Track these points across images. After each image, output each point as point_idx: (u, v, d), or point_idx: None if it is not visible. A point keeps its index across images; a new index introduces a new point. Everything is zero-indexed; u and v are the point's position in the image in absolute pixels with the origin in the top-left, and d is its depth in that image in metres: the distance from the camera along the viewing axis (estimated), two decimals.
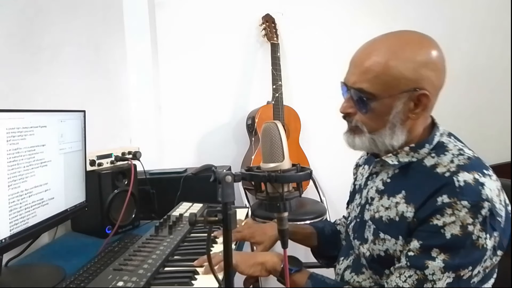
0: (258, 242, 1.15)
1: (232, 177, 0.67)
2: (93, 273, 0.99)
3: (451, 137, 0.91)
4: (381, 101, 0.83)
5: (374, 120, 0.86)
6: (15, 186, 0.96)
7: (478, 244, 0.76)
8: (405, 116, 0.84)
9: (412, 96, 0.82)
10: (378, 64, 0.81)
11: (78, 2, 1.67)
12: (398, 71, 0.80)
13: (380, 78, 0.81)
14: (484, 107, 2.56)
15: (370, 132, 0.87)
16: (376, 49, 0.84)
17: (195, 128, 2.42)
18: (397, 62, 0.80)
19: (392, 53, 0.82)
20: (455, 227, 0.75)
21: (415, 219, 0.81)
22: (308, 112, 2.37)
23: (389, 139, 0.86)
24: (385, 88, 0.82)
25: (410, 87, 0.81)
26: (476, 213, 0.75)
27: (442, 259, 0.76)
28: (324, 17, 2.43)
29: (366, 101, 0.84)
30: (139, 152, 1.49)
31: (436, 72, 0.83)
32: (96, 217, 1.34)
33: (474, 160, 0.82)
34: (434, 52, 0.83)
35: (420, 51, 0.82)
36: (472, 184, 0.77)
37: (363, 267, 0.96)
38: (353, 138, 0.90)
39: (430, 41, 0.85)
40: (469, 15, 2.49)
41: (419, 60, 0.81)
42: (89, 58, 1.75)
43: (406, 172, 0.88)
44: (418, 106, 0.83)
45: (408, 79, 0.81)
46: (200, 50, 2.37)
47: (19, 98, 1.28)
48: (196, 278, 0.94)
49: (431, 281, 0.77)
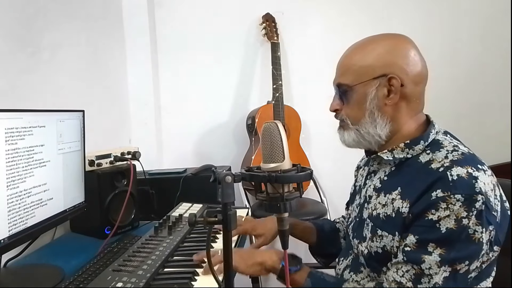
0: (260, 234, 1.17)
1: (232, 178, 0.67)
2: (92, 273, 0.98)
3: (447, 135, 0.92)
4: (355, 89, 0.91)
5: (354, 110, 0.92)
6: (14, 187, 0.96)
7: (474, 238, 0.76)
8: (381, 102, 0.89)
9: (382, 82, 0.88)
10: (348, 59, 0.93)
11: (78, 2, 1.67)
12: (364, 60, 0.90)
13: (351, 70, 0.92)
14: (484, 107, 2.55)
15: (353, 124, 0.93)
16: (351, 49, 0.95)
17: (195, 128, 2.41)
18: (363, 53, 0.91)
19: (362, 48, 0.93)
20: (449, 221, 0.76)
21: (410, 214, 0.82)
22: (308, 112, 2.36)
23: (372, 128, 0.91)
24: (356, 77, 0.90)
25: (378, 73, 0.88)
26: (470, 206, 0.76)
27: (438, 253, 0.77)
28: (324, 16, 2.43)
29: (344, 92, 0.93)
30: (138, 152, 1.49)
31: (404, 59, 0.88)
32: (95, 217, 1.34)
33: (468, 155, 0.83)
34: (401, 43, 0.91)
35: (386, 42, 0.91)
36: (465, 178, 0.77)
37: (361, 265, 0.96)
38: (343, 133, 0.96)
39: (400, 37, 0.93)
40: (469, 15, 2.49)
41: (385, 49, 0.90)
42: (88, 58, 1.75)
43: (402, 169, 0.90)
44: (391, 92, 0.88)
45: (375, 66, 0.89)
46: (200, 49, 2.36)
47: (18, 97, 1.28)
48: (196, 279, 0.94)
49: (427, 275, 0.78)
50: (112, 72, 2.00)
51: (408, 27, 2.48)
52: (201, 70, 2.37)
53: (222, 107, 2.42)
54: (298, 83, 2.44)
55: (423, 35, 2.43)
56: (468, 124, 2.41)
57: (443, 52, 2.47)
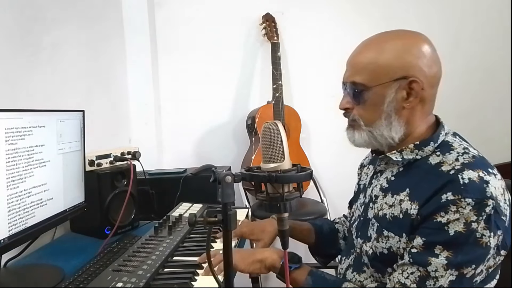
0: (257, 239, 1.15)
1: (232, 178, 0.67)
2: (92, 273, 0.98)
3: (456, 136, 0.91)
4: (373, 90, 0.86)
5: (370, 111, 0.88)
6: (14, 187, 0.96)
7: (482, 242, 0.76)
8: (399, 105, 0.86)
9: (402, 84, 0.85)
10: (366, 57, 0.88)
11: (78, 2, 1.67)
12: (385, 60, 0.85)
13: (369, 69, 0.86)
14: (484, 107, 2.55)
15: (366, 125, 0.90)
16: (365, 46, 0.90)
17: (194, 128, 2.41)
18: (383, 52, 0.86)
19: (378, 45, 0.88)
20: (458, 224, 0.75)
21: (419, 216, 0.81)
22: (308, 112, 2.36)
23: (387, 131, 0.88)
24: (374, 77, 0.86)
25: (399, 75, 0.84)
26: (480, 210, 0.75)
27: (445, 256, 0.76)
28: (324, 16, 2.42)
29: (359, 92, 0.88)
30: (138, 152, 1.49)
31: (424, 59, 0.85)
32: (95, 217, 1.34)
33: (479, 158, 0.83)
34: (420, 42, 0.87)
35: (405, 41, 0.87)
36: (477, 181, 0.77)
37: (365, 265, 0.96)
38: (353, 133, 0.92)
39: (417, 35, 0.89)
40: (469, 15, 2.49)
41: (404, 49, 0.85)
42: (88, 58, 1.75)
43: (410, 170, 0.89)
44: (410, 95, 0.85)
45: (395, 67, 0.84)
46: (200, 49, 2.36)
47: (18, 97, 1.28)
48: (196, 279, 0.94)
49: (433, 278, 0.77)
50: (112, 71, 2.00)
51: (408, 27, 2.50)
52: (201, 70, 2.37)
53: (222, 107, 2.42)
54: (298, 83, 2.43)
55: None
56: (468, 124, 2.40)
57: (443, 53, 2.43)
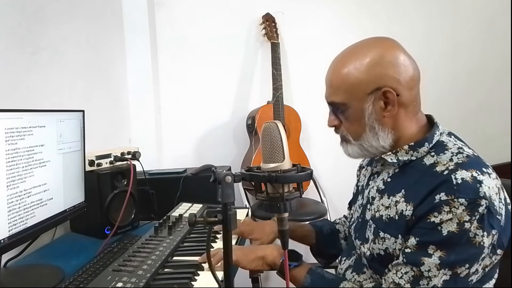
0: (256, 238, 1.17)
1: (232, 178, 0.67)
2: (92, 273, 0.98)
3: (451, 136, 0.91)
4: (352, 107, 0.89)
5: (354, 126, 0.91)
6: (14, 187, 0.96)
7: (475, 241, 0.76)
8: (379, 115, 0.88)
9: (377, 96, 0.86)
10: (338, 76, 0.90)
11: (78, 2, 1.66)
12: (356, 77, 0.87)
13: (343, 88, 0.89)
14: (484, 107, 2.55)
15: (355, 139, 0.92)
16: (337, 64, 0.92)
17: (194, 128, 2.41)
18: (349, 69, 0.88)
19: (344, 63, 0.89)
20: (452, 224, 0.76)
21: (414, 217, 0.81)
22: (308, 112, 2.36)
23: (375, 141, 0.90)
24: (349, 95, 0.88)
25: (371, 88, 0.86)
26: (473, 210, 0.75)
27: (438, 256, 0.77)
28: (324, 16, 2.43)
29: (341, 111, 0.91)
30: (138, 152, 1.49)
31: (393, 68, 0.85)
32: (95, 217, 1.34)
33: (473, 158, 0.83)
34: (387, 51, 0.87)
35: (372, 54, 0.87)
36: (470, 181, 0.77)
37: (364, 267, 0.96)
38: (346, 148, 0.95)
39: (384, 43, 0.89)
40: (470, 15, 2.49)
41: (372, 62, 0.86)
42: (88, 58, 1.74)
43: (406, 171, 0.89)
44: (388, 104, 0.86)
45: (367, 81, 0.86)
46: (200, 49, 2.36)
47: (18, 97, 1.28)
48: (196, 279, 0.94)
49: (426, 278, 0.77)
50: (112, 71, 1.99)
51: (408, 28, 2.51)
52: (201, 70, 2.37)
53: (222, 107, 2.42)
54: (298, 83, 2.44)
55: (424, 36, 2.44)
56: (468, 124, 2.40)
57: (443, 53, 2.47)
